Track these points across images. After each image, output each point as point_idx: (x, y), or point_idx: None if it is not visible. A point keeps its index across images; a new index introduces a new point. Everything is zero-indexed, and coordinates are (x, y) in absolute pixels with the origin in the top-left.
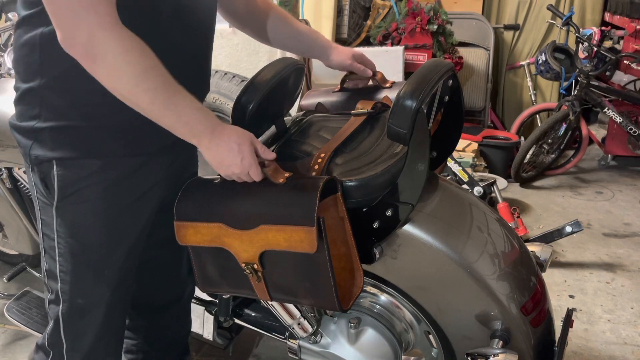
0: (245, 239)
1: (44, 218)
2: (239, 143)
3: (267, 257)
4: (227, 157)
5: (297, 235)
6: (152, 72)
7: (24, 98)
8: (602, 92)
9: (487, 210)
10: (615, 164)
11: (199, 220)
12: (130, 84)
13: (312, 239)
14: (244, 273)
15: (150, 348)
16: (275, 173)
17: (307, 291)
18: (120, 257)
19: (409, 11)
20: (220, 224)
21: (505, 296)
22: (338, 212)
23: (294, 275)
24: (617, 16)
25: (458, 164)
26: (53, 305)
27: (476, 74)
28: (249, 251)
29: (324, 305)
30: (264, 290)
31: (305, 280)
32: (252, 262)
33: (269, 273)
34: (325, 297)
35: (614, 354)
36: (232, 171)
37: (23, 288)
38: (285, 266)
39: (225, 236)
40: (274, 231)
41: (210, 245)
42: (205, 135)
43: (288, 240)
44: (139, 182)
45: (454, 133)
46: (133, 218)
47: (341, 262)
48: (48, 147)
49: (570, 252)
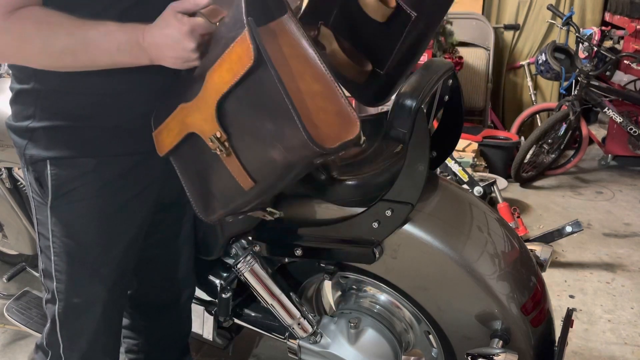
0: (201, 102)
1: (39, 217)
2: (165, 25)
3: (225, 115)
4: (171, 48)
5: (234, 55)
6: (54, 35)
7: (19, 98)
8: (602, 92)
9: (487, 210)
10: (615, 164)
11: (166, 116)
12: (45, 57)
13: (247, 47)
14: (217, 157)
15: (151, 348)
16: (212, 13)
17: (275, 137)
18: (116, 257)
19: None
20: (181, 106)
21: (505, 296)
22: (291, 38)
23: (255, 121)
24: (617, 16)
25: (458, 164)
26: (50, 305)
27: (476, 74)
28: (207, 116)
29: (293, 146)
30: (240, 168)
31: (268, 121)
32: (214, 131)
33: (235, 138)
34: (292, 136)
35: (614, 354)
36: (185, 52)
37: (23, 288)
38: (244, 115)
39: (187, 116)
40: (217, 70)
41: (181, 136)
42: (140, 47)
43: (230, 70)
44: (134, 182)
45: (454, 133)
46: (128, 217)
47: (316, 101)
48: (42, 146)
49: (570, 252)
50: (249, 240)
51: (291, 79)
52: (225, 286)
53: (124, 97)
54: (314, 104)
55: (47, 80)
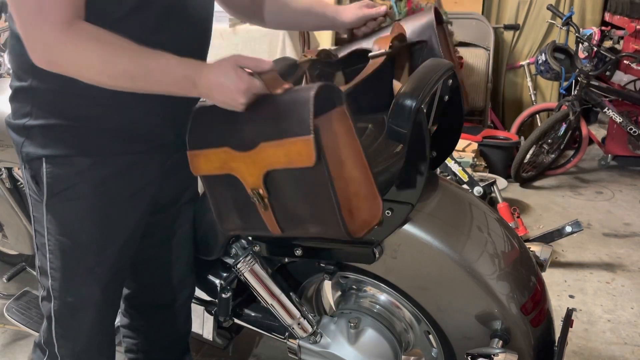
0: (249, 160)
1: (35, 215)
2: (224, 75)
3: (271, 180)
4: (224, 95)
5: (295, 148)
6: (117, 58)
7: (17, 96)
8: (602, 92)
9: (487, 210)
10: (615, 164)
11: (208, 146)
12: (104, 76)
13: (309, 149)
14: (252, 201)
15: (151, 347)
16: (273, 82)
17: (314, 217)
18: (111, 256)
19: (409, 11)
20: (226, 148)
21: (505, 296)
22: (342, 129)
23: (298, 198)
24: (617, 16)
25: (458, 164)
26: (45, 303)
27: (476, 74)
28: (254, 174)
29: (331, 232)
30: (273, 220)
31: (309, 203)
32: (257, 187)
33: (275, 199)
34: (330, 222)
35: (614, 354)
36: (234, 102)
37: (23, 288)
38: (289, 189)
39: (231, 161)
40: (273, 147)
41: (220, 172)
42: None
43: (287, 155)
44: (130, 181)
45: (454, 133)
46: (124, 216)
47: (352, 186)
48: (38, 144)
49: (570, 252)
50: (249, 240)
51: (337, 165)
52: (225, 286)
53: (121, 99)
54: (350, 190)
55: (46, 78)
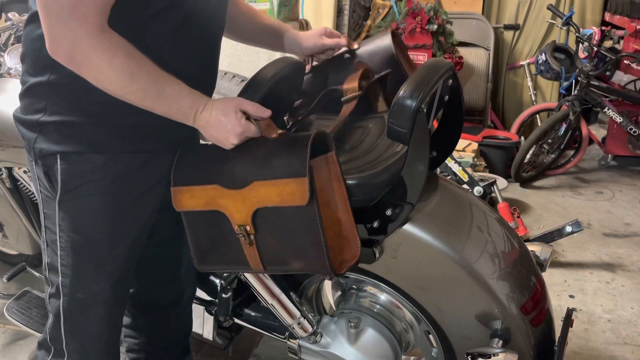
0: (239, 198)
1: (46, 211)
2: (224, 115)
3: (260, 218)
4: (218, 132)
5: (288, 188)
6: (138, 73)
7: (31, 91)
8: (602, 92)
9: (487, 210)
10: (615, 164)
11: (195, 183)
12: (118, 87)
13: (303, 190)
14: (237, 237)
15: (152, 347)
16: (269, 128)
17: (299, 254)
18: (122, 254)
19: (409, 11)
20: (215, 186)
21: (505, 296)
22: (331, 173)
23: (285, 236)
24: (617, 16)
25: (458, 164)
26: (54, 299)
27: (476, 74)
28: (242, 211)
29: (315, 269)
30: (257, 258)
31: (296, 241)
32: (244, 224)
33: (261, 236)
34: (316, 259)
35: (614, 354)
36: (226, 141)
37: (23, 288)
38: (277, 227)
39: (220, 197)
40: (266, 187)
41: (206, 208)
42: (195, 116)
43: (280, 195)
44: (142, 179)
45: (454, 133)
46: (135, 215)
47: (335, 227)
48: (53, 140)
49: (570, 252)
50: None
51: (326, 206)
52: (225, 286)
53: None
54: (334, 230)
55: (63, 74)
